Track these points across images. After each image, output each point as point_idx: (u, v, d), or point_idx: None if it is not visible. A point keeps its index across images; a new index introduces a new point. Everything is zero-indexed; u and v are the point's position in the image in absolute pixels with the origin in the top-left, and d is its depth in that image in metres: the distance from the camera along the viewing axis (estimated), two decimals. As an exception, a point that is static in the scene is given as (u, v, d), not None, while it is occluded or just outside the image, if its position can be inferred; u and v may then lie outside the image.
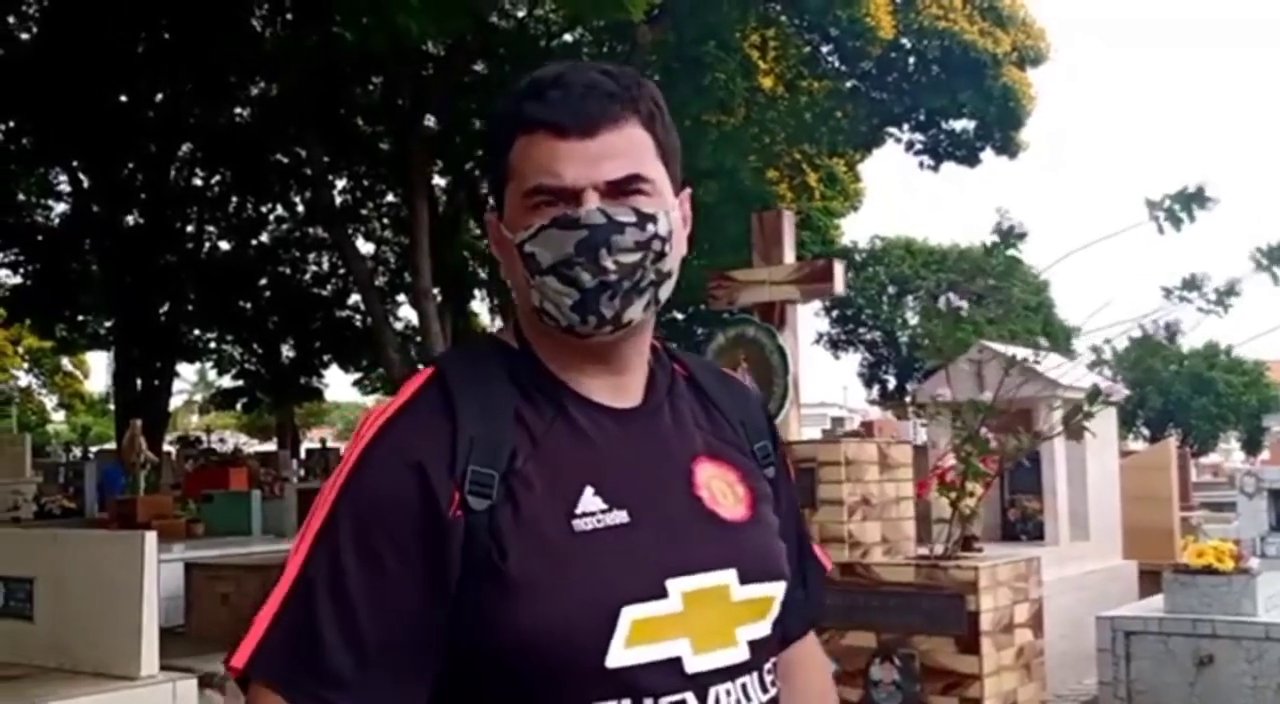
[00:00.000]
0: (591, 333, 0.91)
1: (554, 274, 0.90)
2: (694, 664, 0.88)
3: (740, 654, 0.92)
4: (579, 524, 0.88)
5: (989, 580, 3.64)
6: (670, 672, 0.87)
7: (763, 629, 0.94)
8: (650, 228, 0.90)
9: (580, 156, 0.89)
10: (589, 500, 0.89)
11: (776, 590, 0.95)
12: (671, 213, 0.93)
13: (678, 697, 0.88)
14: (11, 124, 16.50)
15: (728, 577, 0.91)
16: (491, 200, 0.97)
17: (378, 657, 0.84)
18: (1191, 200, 3.47)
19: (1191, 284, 3.54)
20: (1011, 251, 3.63)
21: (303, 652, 0.84)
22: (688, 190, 0.98)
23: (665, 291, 0.93)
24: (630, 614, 0.86)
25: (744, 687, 0.91)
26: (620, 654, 0.86)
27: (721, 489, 0.95)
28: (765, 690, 0.94)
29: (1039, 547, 5.74)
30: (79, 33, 13.13)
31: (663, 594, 0.88)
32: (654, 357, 0.99)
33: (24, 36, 14.94)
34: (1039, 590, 3.97)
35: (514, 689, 0.86)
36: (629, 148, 0.90)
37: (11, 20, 14.64)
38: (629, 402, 0.96)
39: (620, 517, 0.89)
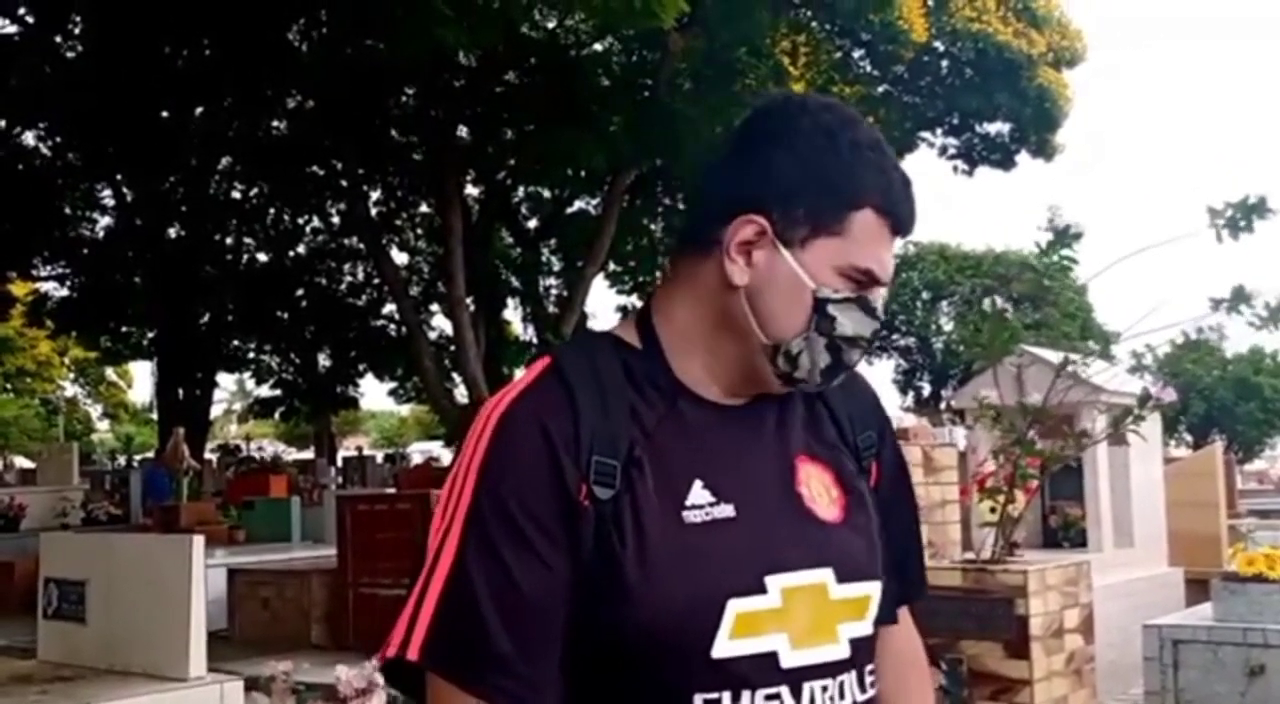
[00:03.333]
0: (809, 390, 0.98)
1: (829, 339, 0.94)
2: (790, 659, 0.91)
3: (842, 651, 0.94)
4: (689, 516, 0.90)
5: (1038, 584, 3.60)
6: (767, 665, 0.90)
7: (864, 628, 0.96)
8: None
9: (891, 258, 0.96)
10: (698, 493, 0.91)
11: (873, 590, 0.98)
12: None
13: (773, 690, 0.90)
14: (58, 140, 16.88)
15: (825, 575, 0.93)
16: (767, 211, 0.93)
17: (538, 639, 0.87)
18: (1253, 210, 3.41)
19: (1240, 297, 3.49)
20: (1066, 252, 3.58)
21: (470, 641, 0.87)
22: None
23: None
24: (735, 607, 0.89)
25: (842, 685, 0.93)
26: (724, 645, 0.88)
27: (819, 489, 0.97)
28: (864, 690, 0.96)
29: (1081, 554, 5.65)
30: (123, 50, 13.42)
31: (763, 589, 0.90)
32: None
33: (70, 55, 15.28)
34: (1089, 595, 3.91)
35: (622, 674, 0.89)
36: None
37: (58, 39, 14.99)
38: (738, 400, 0.98)
39: (727, 510, 0.91)
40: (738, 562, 0.90)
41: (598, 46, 15.70)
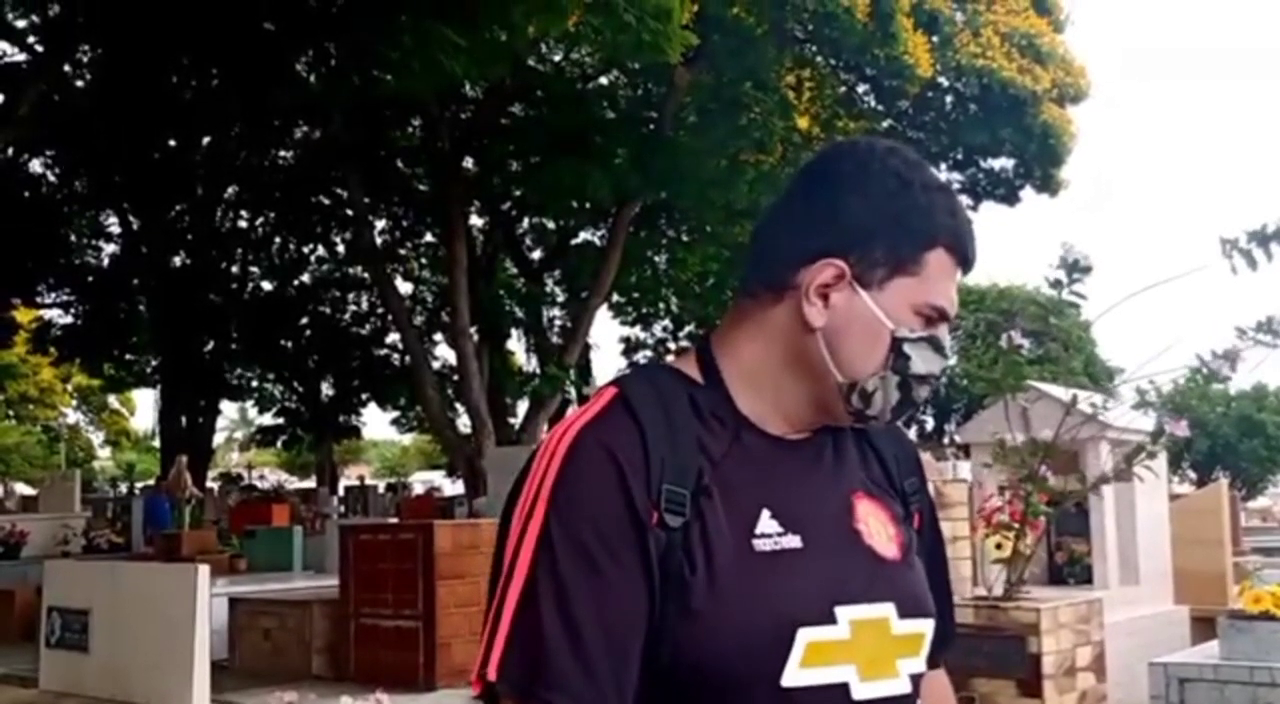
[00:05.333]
0: (872, 428, 1.01)
1: (902, 377, 0.96)
2: (860, 691, 0.92)
3: (903, 686, 0.95)
4: (758, 545, 0.91)
5: (1050, 622, 3.57)
6: (838, 696, 0.91)
7: (919, 664, 0.98)
8: None
9: (956, 294, 0.99)
10: (766, 522, 0.92)
11: (928, 627, 0.99)
12: None
13: None
14: (65, 168, 17.02)
15: (888, 610, 0.95)
16: (844, 251, 0.95)
17: (603, 661, 0.88)
18: (1272, 239, 3.41)
19: (1268, 327, 3.49)
20: (1077, 287, 3.59)
21: (535, 661, 0.87)
22: None
23: None
24: (805, 636, 0.90)
25: None
26: (795, 674, 0.89)
27: (877, 527, 0.99)
28: None
29: (1087, 590, 5.61)
30: (132, 80, 13.57)
31: (832, 620, 0.91)
32: None
33: (79, 83, 15.45)
34: (1100, 633, 3.88)
35: (690, 701, 0.89)
36: None
37: (67, 68, 15.16)
38: (800, 434, 1.00)
39: (794, 541, 0.93)
40: (807, 591, 0.91)
41: (604, 80, 15.87)
